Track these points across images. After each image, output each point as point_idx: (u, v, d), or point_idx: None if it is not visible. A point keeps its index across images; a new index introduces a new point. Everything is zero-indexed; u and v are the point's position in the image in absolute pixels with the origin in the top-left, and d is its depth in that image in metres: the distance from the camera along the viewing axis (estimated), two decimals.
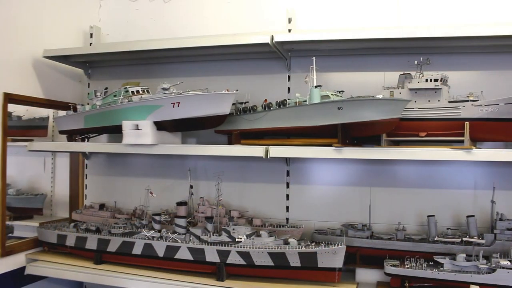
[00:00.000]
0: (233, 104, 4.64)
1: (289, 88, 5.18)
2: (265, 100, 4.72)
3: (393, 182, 4.89)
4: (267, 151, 4.30)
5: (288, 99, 4.54)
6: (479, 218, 4.43)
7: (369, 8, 5.02)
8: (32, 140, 5.30)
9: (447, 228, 4.48)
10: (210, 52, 5.24)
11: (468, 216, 4.34)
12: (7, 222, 4.98)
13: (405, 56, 4.59)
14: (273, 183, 5.27)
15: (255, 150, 4.36)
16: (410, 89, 4.26)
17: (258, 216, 5.12)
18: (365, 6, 5.03)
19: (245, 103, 4.87)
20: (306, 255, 4.16)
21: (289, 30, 5.16)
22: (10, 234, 5.15)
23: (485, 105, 3.94)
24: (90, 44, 5.97)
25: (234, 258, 4.38)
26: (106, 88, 5.27)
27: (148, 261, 4.76)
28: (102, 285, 4.82)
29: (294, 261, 4.22)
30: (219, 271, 4.41)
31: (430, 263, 4.17)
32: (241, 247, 4.36)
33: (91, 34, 5.97)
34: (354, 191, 5.00)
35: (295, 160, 5.18)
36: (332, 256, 4.10)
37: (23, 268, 5.05)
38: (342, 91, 4.49)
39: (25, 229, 5.63)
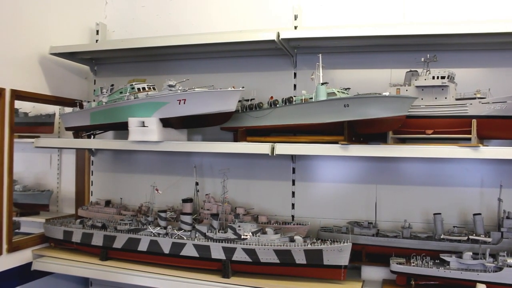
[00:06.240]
0: (239, 101, 4.65)
1: (295, 85, 5.16)
2: (271, 97, 4.71)
3: (399, 180, 4.87)
4: (273, 148, 4.30)
5: (294, 96, 4.52)
6: (486, 216, 4.41)
7: (375, 5, 4.99)
8: (38, 137, 5.33)
9: (454, 226, 4.45)
10: (216, 49, 5.25)
11: (474, 214, 4.31)
12: (14, 218, 5.01)
13: (412, 53, 4.57)
14: (279, 180, 5.26)
15: (261, 147, 4.35)
16: (417, 86, 4.24)
17: (264, 213, 5.11)
18: (371, 3, 5.01)
19: (251, 100, 4.86)
20: (312, 252, 4.16)
21: (295, 27, 5.15)
22: (16, 230, 5.19)
23: (493, 103, 3.91)
24: (96, 41, 5.98)
25: (239, 255, 4.38)
26: (112, 85, 5.28)
27: (154, 257, 4.77)
28: (107, 281, 4.85)
29: (300, 259, 4.22)
30: (225, 268, 4.42)
31: (436, 261, 4.15)
32: (246, 244, 4.36)
33: (97, 31, 5.98)
34: (360, 189, 4.98)
35: (301, 158, 5.16)
36: (337, 254, 4.10)
37: (29, 264, 5.08)
38: (349, 88, 4.47)
39: (31, 225, 5.67)
